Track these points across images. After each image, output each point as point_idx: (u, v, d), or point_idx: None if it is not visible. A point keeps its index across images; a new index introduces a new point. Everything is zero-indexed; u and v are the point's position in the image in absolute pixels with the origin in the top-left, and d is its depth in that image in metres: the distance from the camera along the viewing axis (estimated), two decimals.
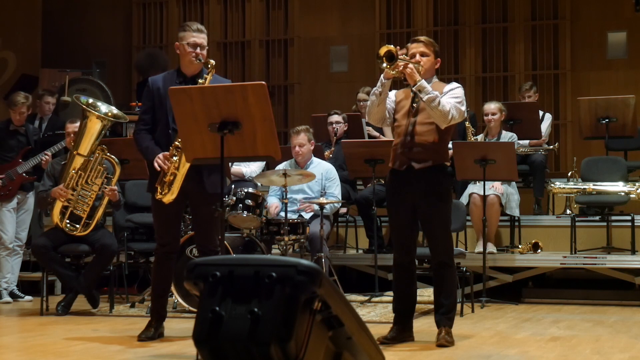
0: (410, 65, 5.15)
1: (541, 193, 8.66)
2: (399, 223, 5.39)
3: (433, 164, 5.26)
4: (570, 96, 10.70)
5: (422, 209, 5.28)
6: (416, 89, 5.17)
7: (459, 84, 5.40)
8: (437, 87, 5.32)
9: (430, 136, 5.25)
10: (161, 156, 5.21)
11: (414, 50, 5.33)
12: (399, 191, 5.35)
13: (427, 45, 5.34)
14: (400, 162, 5.32)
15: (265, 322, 2.60)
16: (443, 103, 5.15)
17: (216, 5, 12.02)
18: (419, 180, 5.25)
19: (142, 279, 8.23)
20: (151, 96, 5.37)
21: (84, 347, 5.25)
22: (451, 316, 5.35)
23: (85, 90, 9.18)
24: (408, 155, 5.28)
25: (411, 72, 5.14)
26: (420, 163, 5.25)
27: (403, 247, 5.40)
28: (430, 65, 5.35)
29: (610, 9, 10.72)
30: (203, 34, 5.36)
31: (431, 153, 5.25)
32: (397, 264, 5.43)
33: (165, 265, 5.46)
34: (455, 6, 11.21)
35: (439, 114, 5.16)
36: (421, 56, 5.30)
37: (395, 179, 5.38)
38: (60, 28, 12.16)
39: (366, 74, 11.18)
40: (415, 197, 5.28)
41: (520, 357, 4.95)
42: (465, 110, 5.34)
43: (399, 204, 5.36)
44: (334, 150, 8.31)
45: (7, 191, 7.54)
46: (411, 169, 5.27)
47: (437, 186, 5.27)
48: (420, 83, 5.15)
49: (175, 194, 5.21)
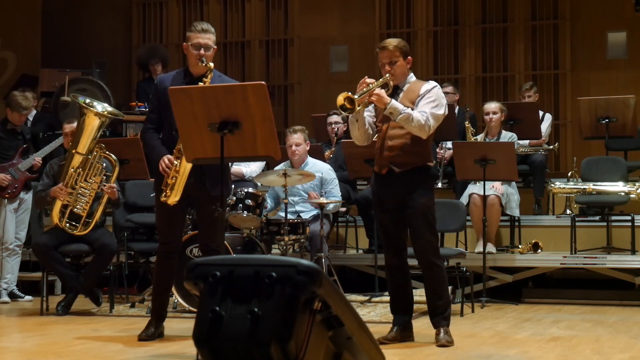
0: (376, 91, 5.14)
1: (541, 193, 8.66)
2: (385, 226, 5.42)
3: (413, 166, 5.27)
4: (570, 96, 10.70)
5: (406, 211, 5.30)
6: (387, 113, 5.17)
7: (435, 83, 5.38)
8: (414, 87, 5.33)
9: (408, 140, 5.25)
10: (166, 160, 5.21)
11: (382, 60, 5.34)
12: (382, 194, 5.38)
13: (393, 51, 5.32)
14: (381, 166, 5.36)
15: (265, 322, 2.60)
16: (417, 118, 5.14)
17: (216, 5, 12.02)
18: (401, 183, 5.28)
19: (142, 279, 8.22)
20: (158, 95, 5.38)
21: (84, 347, 5.25)
22: (447, 315, 5.36)
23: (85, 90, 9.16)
24: (388, 159, 5.30)
25: (378, 98, 5.15)
26: (400, 167, 5.27)
27: (392, 249, 5.42)
28: (402, 70, 5.34)
29: (610, 9, 10.72)
30: (208, 34, 5.36)
31: (410, 155, 5.27)
32: (388, 265, 5.47)
33: (166, 264, 5.46)
34: (455, 6, 11.21)
35: (415, 129, 5.17)
36: (390, 64, 5.30)
37: (378, 182, 5.41)
38: (60, 28, 12.16)
39: (366, 74, 11.02)
40: (398, 199, 5.30)
41: (520, 357, 4.95)
42: (445, 107, 5.32)
43: (384, 207, 5.38)
44: (334, 150, 8.31)
45: (14, 189, 7.55)
46: (392, 172, 5.29)
47: (419, 187, 5.28)
48: (389, 106, 5.14)
49: (178, 196, 5.22)
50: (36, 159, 7.57)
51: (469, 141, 8.30)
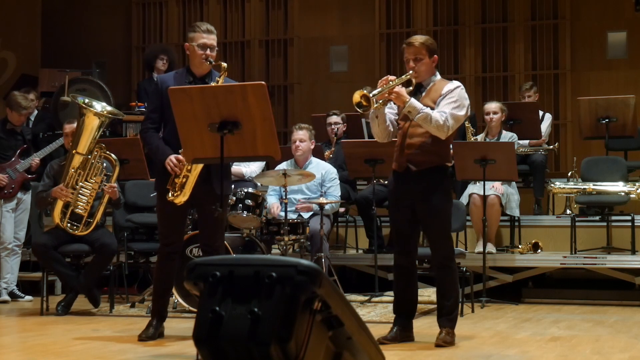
0: (395, 89, 5.10)
1: (541, 193, 8.66)
2: (399, 224, 5.39)
3: (431, 165, 5.24)
4: (570, 96, 10.70)
5: (422, 210, 5.28)
6: (406, 112, 5.16)
7: (459, 83, 5.34)
8: (438, 86, 5.29)
9: (428, 138, 5.22)
10: (173, 159, 5.19)
11: (407, 56, 5.28)
12: (398, 192, 5.35)
13: (419, 48, 5.25)
14: (399, 164, 5.32)
15: (265, 322, 2.60)
16: (436, 118, 5.11)
17: (216, 5, 12.02)
18: (418, 182, 5.25)
19: (142, 279, 8.23)
20: (160, 95, 5.36)
21: (84, 347, 5.25)
22: (452, 317, 5.34)
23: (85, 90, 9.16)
24: (407, 157, 5.27)
25: (397, 96, 5.11)
26: (417, 165, 5.24)
27: (402, 249, 5.40)
28: (426, 68, 5.28)
29: (610, 9, 10.72)
30: (213, 35, 5.38)
31: (429, 155, 5.24)
32: (397, 264, 5.44)
33: (167, 264, 5.46)
34: (455, 6, 11.21)
35: (434, 129, 5.15)
36: (415, 61, 5.25)
37: (395, 180, 5.38)
38: (60, 28, 12.16)
39: (366, 74, 11.19)
40: (414, 198, 5.27)
41: (520, 357, 4.95)
42: (468, 108, 5.30)
43: (399, 205, 5.36)
44: (334, 150, 8.31)
45: (11, 189, 7.55)
46: (409, 171, 5.27)
47: (436, 188, 5.26)
48: (408, 104, 5.11)
49: (187, 196, 5.21)
50: (35, 160, 7.57)
51: (469, 141, 8.30)
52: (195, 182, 5.21)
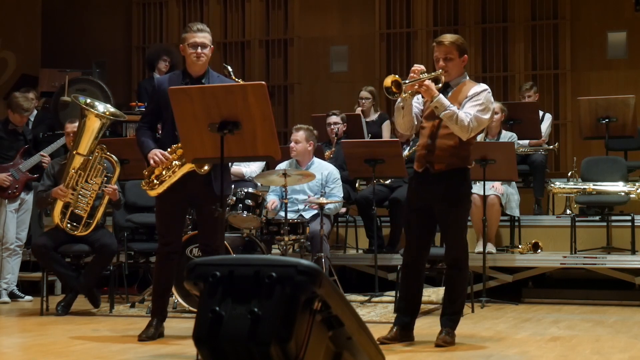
0: (426, 82, 5.08)
1: (541, 193, 8.66)
2: (412, 223, 5.38)
3: (451, 167, 5.23)
4: (570, 96, 10.70)
5: (439, 212, 5.27)
6: (433, 106, 5.14)
7: (486, 87, 5.29)
8: (465, 88, 5.27)
9: (451, 140, 5.20)
10: (159, 153, 5.23)
11: (437, 55, 5.24)
12: (416, 192, 5.35)
13: (450, 47, 5.20)
14: (420, 164, 5.32)
15: (265, 322, 2.60)
16: (461, 118, 5.10)
17: (216, 5, 12.02)
18: (437, 183, 5.23)
19: (142, 279, 8.23)
20: (157, 97, 5.39)
21: (84, 347, 5.25)
22: (455, 318, 5.33)
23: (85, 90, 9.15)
24: (427, 158, 5.26)
25: (427, 89, 5.08)
26: (437, 166, 5.23)
27: (412, 247, 5.38)
28: (456, 67, 5.24)
29: (610, 9, 10.71)
30: (203, 33, 5.38)
31: (450, 157, 5.22)
32: (405, 264, 5.42)
33: (166, 265, 5.46)
34: (455, 6, 11.21)
35: (457, 129, 5.13)
36: (445, 61, 5.21)
37: (415, 179, 5.39)
38: (60, 28, 12.16)
39: (366, 74, 11.19)
40: (432, 199, 5.26)
41: (520, 357, 4.95)
42: (491, 113, 5.26)
43: (415, 205, 5.35)
44: (334, 150, 8.31)
45: (14, 189, 7.54)
46: (429, 172, 5.27)
47: (455, 190, 5.25)
48: (436, 100, 5.09)
49: (159, 192, 5.24)
50: (45, 157, 7.53)
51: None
52: (198, 181, 5.21)
